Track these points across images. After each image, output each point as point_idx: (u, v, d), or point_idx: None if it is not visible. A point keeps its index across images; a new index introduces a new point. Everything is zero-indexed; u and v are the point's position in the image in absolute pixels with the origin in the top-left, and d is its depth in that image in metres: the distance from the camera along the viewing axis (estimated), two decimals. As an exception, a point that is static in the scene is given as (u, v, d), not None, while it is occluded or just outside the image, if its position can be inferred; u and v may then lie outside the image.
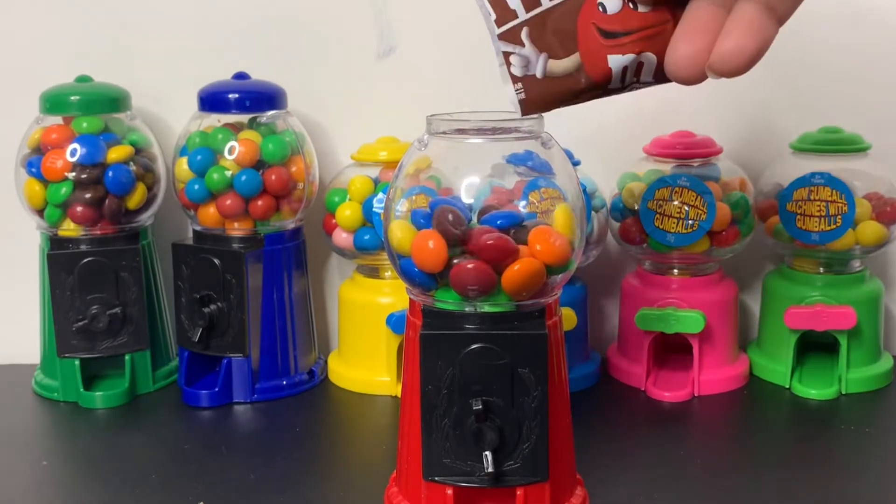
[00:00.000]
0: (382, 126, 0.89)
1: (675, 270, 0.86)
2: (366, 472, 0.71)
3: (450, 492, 0.52)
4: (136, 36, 0.91)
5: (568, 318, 0.80)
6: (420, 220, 0.52)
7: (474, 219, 0.52)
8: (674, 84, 0.53)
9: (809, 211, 0.82)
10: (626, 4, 0.46)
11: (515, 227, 0.51)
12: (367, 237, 0.83)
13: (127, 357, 0.83)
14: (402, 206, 0.53)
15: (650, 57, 0.46)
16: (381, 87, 0.91)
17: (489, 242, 0.49)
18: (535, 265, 0.50)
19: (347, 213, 0.83)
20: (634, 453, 0.72)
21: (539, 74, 0.47)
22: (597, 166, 0.88)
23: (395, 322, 0.82)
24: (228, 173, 0.80)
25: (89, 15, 0.90)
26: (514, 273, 0.50)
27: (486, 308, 0.51)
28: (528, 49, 0.48)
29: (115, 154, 0.81)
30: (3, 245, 0.93)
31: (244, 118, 0.84)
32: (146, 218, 0.85)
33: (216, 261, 0.81)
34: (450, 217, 0.50)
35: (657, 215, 0.82)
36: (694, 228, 0.81)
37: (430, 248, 0.50)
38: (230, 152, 0.80)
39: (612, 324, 0.93)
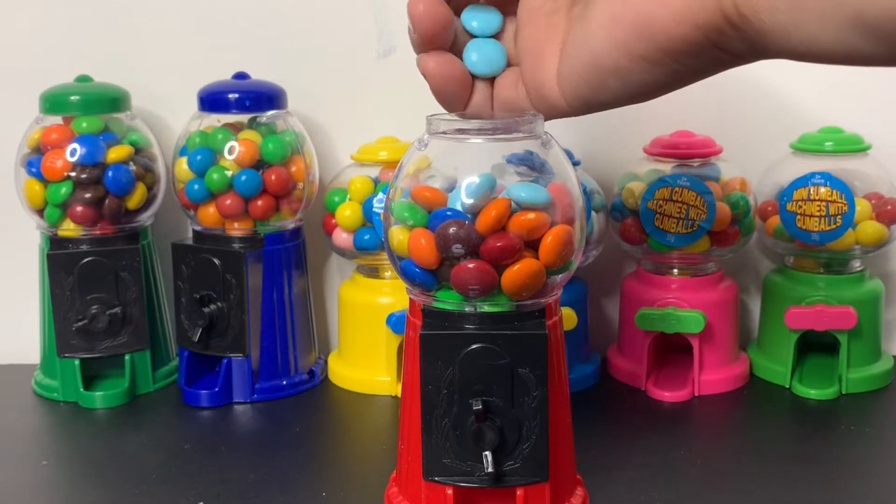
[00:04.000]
0: (382, 126, 0.89)
1: (675, 270, 0.86)
2: (366, 472, 0.71)
3: (450, 492, 0.52)
4: (136, 36, 0.91)
5: (568, 318, 0.80)
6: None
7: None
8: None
9: (809, 211, 0.82)
10: None
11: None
12: (367, 237, 0.83)
13: (127, 357, 0.83)
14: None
15: None
16: (381, 87, 0.91)
17: (497, 245, 0.49)
18: (535, 265, 0.50)
19: (347, 213, 0.83)
20: (634, 453, 0.72)
21: None
22: (597, 166, 0.88)
23: (395, 322, 0.82)
24: (228, 173, 0.80)
25: (89, 15, 0.90)
26: (514, 273, 0.50)
27: (486, 308, 0.51)
28: None
29: (115, 154, 0.81)
30: (3, 245, 0.93)
31: (244, 118, 0.84)
32: (146, 218, 0.85)
33: (216, 261, 0.81)
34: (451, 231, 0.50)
35: (657, 215, 0.82)
36: (694, 228, 0.81)
37: (423, 244, 0.51)
38: (230, 152, 0.80)
39: (612, 324, 0.93)
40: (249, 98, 0.83)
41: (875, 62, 0.44)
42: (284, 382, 0.85)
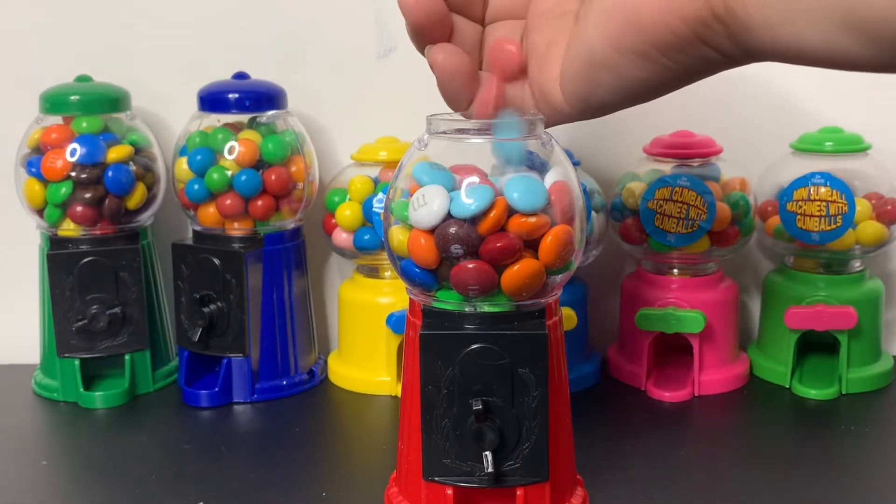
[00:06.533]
0: (382, 126, 0.89)
1: (675, 270, 0.86)
2: (366, 472, 0.71)
3: (450, 492, 0.52)
4: (136, 36, 0.91)
5: (568, 318, 0.80)
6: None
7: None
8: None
9: (809, 211, 0.82)
10: None
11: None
12: (366, 237, 0.83)
13: (127, 357, 0.83)
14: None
15: None
16: (381, 87, 0.91)
17: (498, 245, 0.49)
18: (535, 265, 0.50)
19: (347, 213, 0.83)
20: (634, 453, 0.72)
21: None
22: (597, 166, 0.88)
23: (395, 322, 0.82)
24: (228, 173, 0.80)
25: (89, 15, 0.90)
26: (514, 273, 0.50)
27: (486, 308, 0.51)
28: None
29: (115, 154, 0.81)
30: (3, 245, 0.93)
31: (244, 118, 0.84)
32: (146, 218, 0.85)
33: (216, 261, 0.81)
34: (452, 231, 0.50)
35: (657, 215, 0.82)
36: (694, 228, 0.81)
37: (423, 244, 0.50)
38: (230, 152, 0.80)
39: (612, 324, 0.93)
40: (249, 98, 0.83)
41: (860, 66, 0.44)
42: (284, 382, 0.85)
